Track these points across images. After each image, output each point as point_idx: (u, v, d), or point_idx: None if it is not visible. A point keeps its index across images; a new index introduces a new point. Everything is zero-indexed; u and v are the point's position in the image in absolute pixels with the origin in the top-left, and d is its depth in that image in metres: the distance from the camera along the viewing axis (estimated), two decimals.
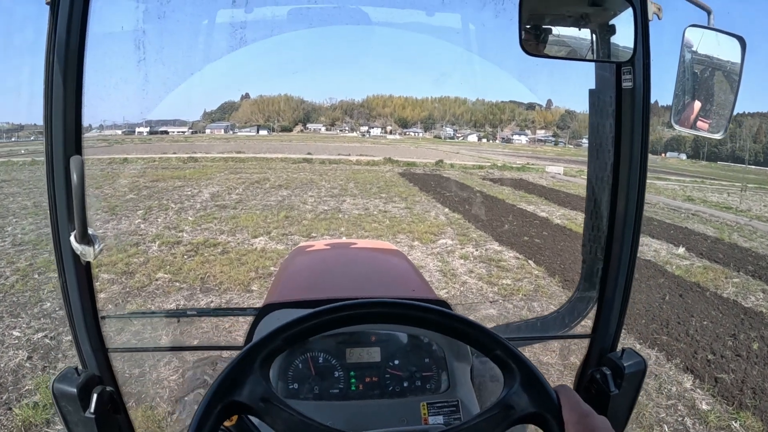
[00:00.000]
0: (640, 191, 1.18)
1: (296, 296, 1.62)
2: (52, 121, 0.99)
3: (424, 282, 1.96)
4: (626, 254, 1.22)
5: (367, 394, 1.26)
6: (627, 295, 1.25)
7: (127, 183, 15.00)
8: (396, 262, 2.24)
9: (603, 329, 1.26)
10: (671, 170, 40.80)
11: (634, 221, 1.20)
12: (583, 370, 1.30)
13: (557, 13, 1.06)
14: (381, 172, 21.18)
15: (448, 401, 1.25)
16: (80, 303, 1.09)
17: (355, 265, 2.14)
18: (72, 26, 0.96)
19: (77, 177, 0.95)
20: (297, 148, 37.62)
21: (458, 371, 1.30)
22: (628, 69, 1.11)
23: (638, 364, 1.19)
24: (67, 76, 0.97)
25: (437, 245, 7.76)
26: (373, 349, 1.30)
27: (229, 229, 8.32)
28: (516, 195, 15.13)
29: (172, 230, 8.28)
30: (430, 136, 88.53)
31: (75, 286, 1.07)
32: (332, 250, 2.53)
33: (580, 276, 1.49)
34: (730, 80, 1.09)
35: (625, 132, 1.16)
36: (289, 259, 2.33)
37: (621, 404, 1.20)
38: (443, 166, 26.78)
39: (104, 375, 1.14)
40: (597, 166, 1.33)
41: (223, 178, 16.75)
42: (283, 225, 8.74)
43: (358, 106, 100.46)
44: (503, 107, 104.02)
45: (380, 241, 3.36)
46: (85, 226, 0.99)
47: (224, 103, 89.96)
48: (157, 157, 26.57)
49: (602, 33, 1.07)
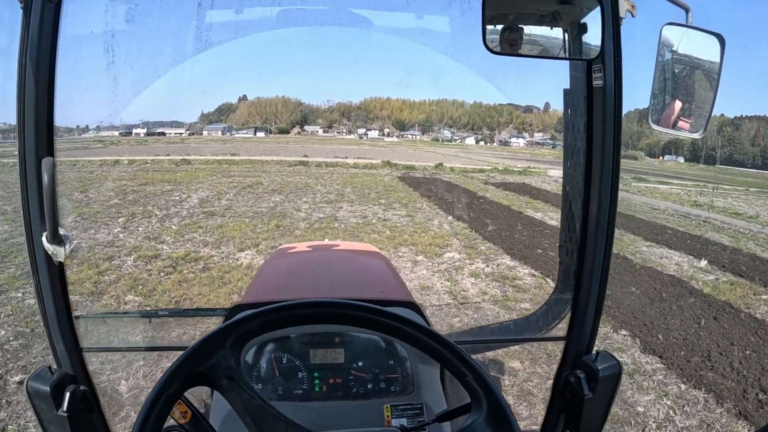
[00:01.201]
0: (613, 191, 1.17)
1: (267, 297, 1.63)
2: (25, 123, 1.01)
3: (400, 283, 1.96)
4: (600, 255, 1.19)
5: (331, 395, 1.27)
6: (602, 297, 1.23)
7: (113, 186, 14.25)
8: (374, 264, 2.23)
9: (578, 332, 1.24)
10: (670, 174, 40.39)
11: (607, 222, 1.18)
12: (558, 373, 1.27)
13: (525, 11, 1.04)
14: (379, 176, 20.51)
15: (412, 403, 1.24)
16: (53, 302, 1.09)
17: (332, 267, 2.12)
18: (44, 29, 0.97)
19: (48, 178, 0.97)
20: (293, 150, 36.88)
21: (424, 373, 1.29)
22: (598, 67, 1.10)
23: (613, 367, 1.17)
24: (39, 78, 0.98)
25: (443, 260, 7.09)
26: (338, 351, 1.30)
27: (214, 241, 7.62)
28: (521, 201, 14.49)
29: (152, 241, 7.58)
30: (428, 139, 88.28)
31: (48, 286, 1.08)
32: (312, 251, 2.52)
33: (557, 277, 1.48)
34: (709, 79, 1.08)
35: (597, 131, 1.14)
36: (269, 261, 2.33)
37: (595, 408, 1.17)
38: (443, 169, 26.13)
39: (78, 374, 1.14)
40: (571, 166, 1.31)
41: (214, 182, 16.04)
42: (273, 236, 8.03)
43: (356, 109, 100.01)
44: (501, 110, 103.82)
45: (362, 243, 3.35)
46: (56, 227, 1.00)
47: (221, 105, 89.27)
48: (149, 159, 25.77)
49: (572, 31, 1.06)
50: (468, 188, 17.36)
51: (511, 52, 1.02)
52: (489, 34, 0.97)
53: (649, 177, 30.39)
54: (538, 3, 1.03)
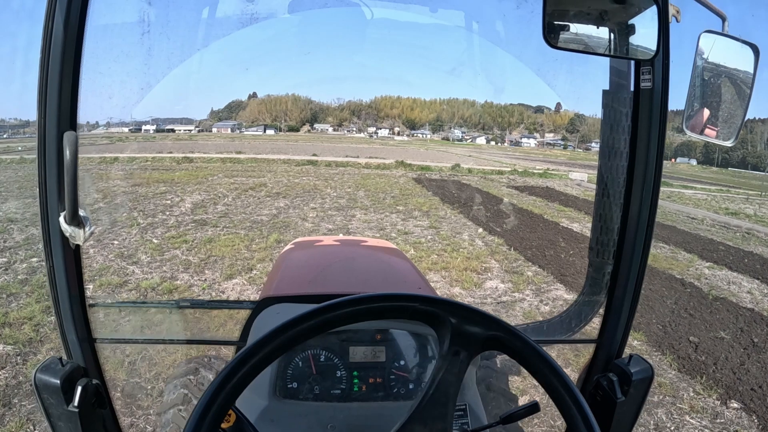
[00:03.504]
0: (654, 195, 1.15)
1: (294, 290, 1.57)
2: (47, 94, 0.93)
3: (426, 282, 1.88)
4: (637, 259, 1.18)
5: (371, 395, 1.22)
6: (636, 301, 1.21)
7: (104, 188, 12.91)
8: (396, 261, 2.18)
9: (610, 334, 1.23)
10: (685, 177, 38.83)
11: (647, 226, 1.16)
12: (587, 375, 1.26)
13: (580, 8, 1.04)
14: (393, 177, 19.02)
15: (456, 405, 1.07)
16: (67, 289, 1.03)
17: (355, 262, 2.06)
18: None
19: (70, 154, 0.92)
20: (302, 148, 35.58)
21: (467, 374, 1.07)
22: (647, 69, 1.09)
23: (646, 371, 1.16)
24: (67, 44, 0.91)
25: (485, 291, 5.57)
26: (378, 348, 1.24)
27: (198, 262, 6.15)
28: (551, 209, 12.96)
29: (124, 260, 6.16)
30: (438, 138, 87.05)
31: (63, 271, 1.02)
32: (330, 245, 2.49)
33: (585, 279, 1.44)
34: (741, 88, 1.07)
35: (642, 133, 1.13)
36: (286, 253, 2.23)
37: (627, 411, 1.16)
38: (460, 170, 24.56)
39: (90, 367, 1.09)
40: (609, 168, 1.29)
41: (214, 183, 14.67)
42: (272, 255, 6.49)
43: (366, 107, 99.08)
44: (512, 110, 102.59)
45: (379, 239, 3.14)
46: (75, 207, 0.95)
47: (231, 102, 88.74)
48: (150, 156, 24.54)
49: (622, 31, 1.06)
50: (491, 192, 15.81)
51: (565, 47, 1.01)
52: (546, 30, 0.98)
53: (671, 181, 29.37)
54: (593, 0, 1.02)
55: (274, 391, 1.19)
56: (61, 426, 0.99)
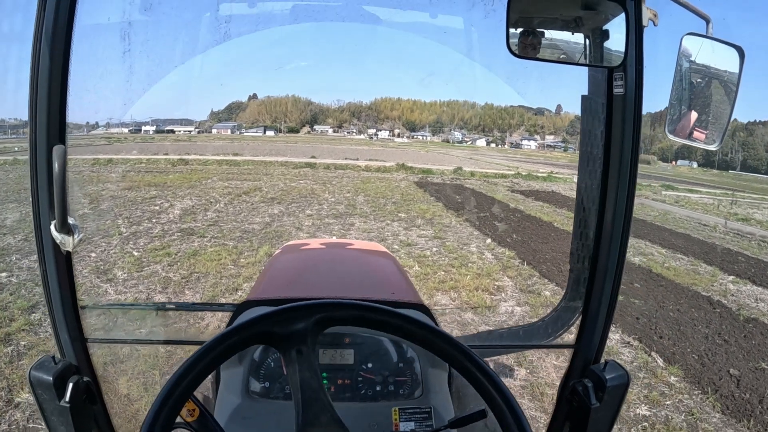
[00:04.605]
0: (629, 200, 1.15)
1: (276, 294, 1.63)
2: (37, 109, 0.98)
3: (409, 285, 1.93)
4: (613, 264, 1.18)
5: (339, 396, 1.25)
6: (613, 306, 1.21)
7: (92, 191, 12.31)
8: (382, 264, 2.20)
9: (587, 340, 1.23)
10: (687, 179, 38.33)
11: (621, 231, 1.16)
12: (565, 381, 1.25)
13: (548, 15, 1.03)
14: (394, 181, 18.42)
15: (420, 407, 1.22)
16: (59, 292, 1.08)
17: (341, 265, 2.10)
18: (60, 15, 0.95)
19: (59, 166, 0.95)
20: (301, 150, 34.97)
21: (433, 377, 1.27)
22: (620, 75, 1.09)
23: (621, 377, 1.15)
24: (54, 64, 0.95)
25: (501, 316, 4.96)
26: (347, 351, 1.27)
27: (178, 280, 5.53)
28: (560, 215, 12.41)
29: (99, 277, 5.56)
30: (438, 140, 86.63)
31: (55, 275, 1.07)
32: (320, 249, 2.54)
33: (566, 284, 1.44)
34: (727, 90, 1.06)
35: (615, 139, 1.13)
36: (276, 257, 2.29)
37: (602, 418, 1.15)
38: (462, 174, 23.96)
39: (81, 365, 1.13)
40: (587, 173, 1.29)
41: (207, 187, 14.06)
42: (260, 271, 5.90)
43: (366, 109, 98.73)
44: (512, 112, 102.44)
45: (370, 242, 3.14)
46: (65, 216, 0.99)
47: (231, 103, 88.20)
48: (145, 158, 23.93)
49: (595, 37, 1.06)
50: (496, 197, 15.20)
51: (533, 56, 1.00)
52: (512, 38, 0.97)
53: (676, 184, 28.97)
54: (562, 8, 1.03)
55: (246, 390, 1.24)
56: (54, 420, 1.04)
